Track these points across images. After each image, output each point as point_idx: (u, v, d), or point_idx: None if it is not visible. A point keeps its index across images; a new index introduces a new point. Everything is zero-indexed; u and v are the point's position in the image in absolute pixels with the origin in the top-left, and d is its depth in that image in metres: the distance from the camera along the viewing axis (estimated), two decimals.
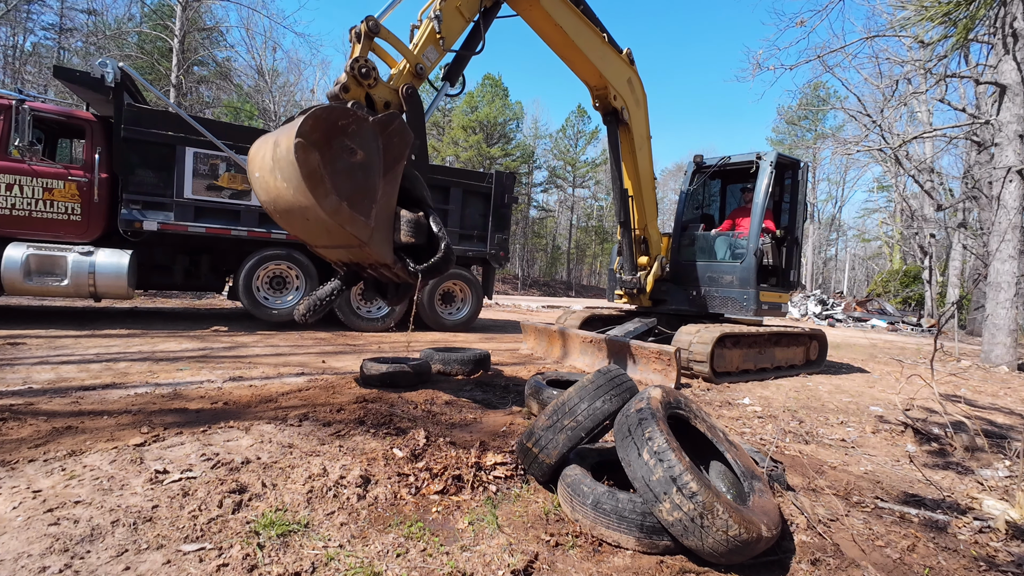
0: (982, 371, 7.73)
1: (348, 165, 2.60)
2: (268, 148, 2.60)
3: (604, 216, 46.45)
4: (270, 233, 6.90)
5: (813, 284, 40.65)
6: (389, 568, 1.62)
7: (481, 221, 8.40)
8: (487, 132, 35.61)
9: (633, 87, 5.48)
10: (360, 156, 2.64)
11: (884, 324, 18.65)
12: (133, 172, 6.21)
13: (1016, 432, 3.94)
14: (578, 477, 2.02)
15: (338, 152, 2.55)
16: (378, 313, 7.76)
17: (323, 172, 2.45)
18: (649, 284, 6.13)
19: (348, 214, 2.55)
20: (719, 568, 1.76)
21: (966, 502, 2.52)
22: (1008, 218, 8.28)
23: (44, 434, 2.58)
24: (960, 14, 3.27)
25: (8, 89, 6.64)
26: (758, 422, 3.85)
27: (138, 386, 3.66)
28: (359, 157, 2.64)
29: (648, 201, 5.98)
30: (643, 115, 5.68)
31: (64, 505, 1.85)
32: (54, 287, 5.89)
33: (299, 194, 2.44)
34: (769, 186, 5.84)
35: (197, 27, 21.92)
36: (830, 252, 50.53)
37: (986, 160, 13.19)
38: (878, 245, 41.90)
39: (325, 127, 2.49)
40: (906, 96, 14.61)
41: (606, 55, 5.09)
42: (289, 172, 2.42)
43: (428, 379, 4.32)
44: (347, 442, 2.69)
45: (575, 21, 4.72)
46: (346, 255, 3.06)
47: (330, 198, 2.47)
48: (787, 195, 6.45)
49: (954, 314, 15.52)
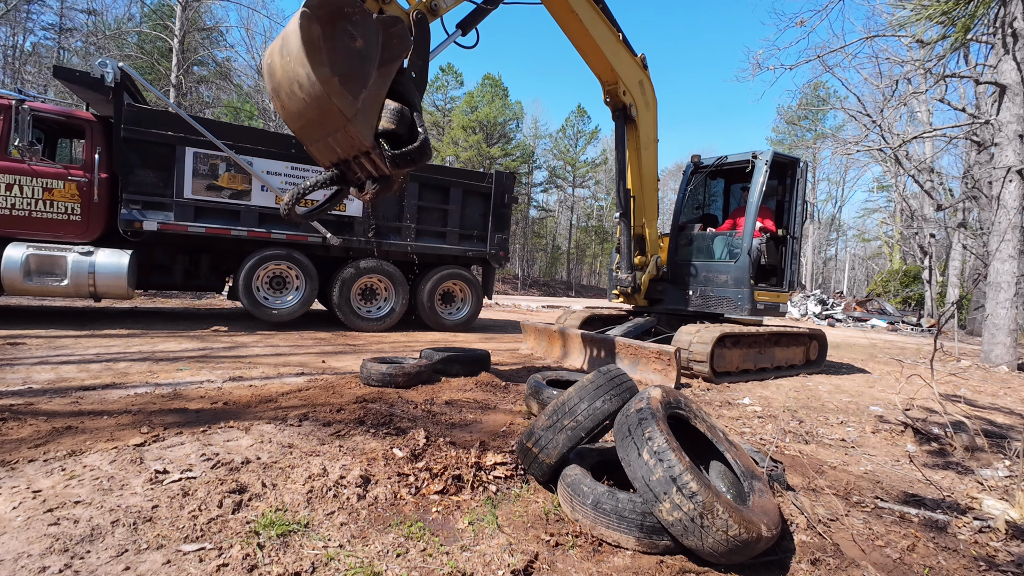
0: (982, 371, 7.74)
1: (346, 47, 2.78)
2: (281, 35, 2.83)
3: (604, 216, 46.45)
4: (270, 233, 6.90)
5: (813, 284, 40.65)
6: (389, 568, 1.62)
7: (481, 221, 8.40)
8: (487, 132, 35.62)
9: (644, 89, 5.67)
10: (359, 43, 2.83)
11: (884, 324, 18.65)
12: (133, 172, 6.20)
13: (1016, 432, 3.95)
14: (578, 477, 2.02)
15: (339, 32, 2.75)
16: (378, 313, 7.77)
17: (321, 44, 2.63)
18: (644, 283, 6.17)
19: (337, 87, 2.70)
20: (719, 568, 1.76)
21: (966, 502, 2.52)
22: (1008, 218, 8.29)
23: (44, 434, 2.58)
24: (959, 13, 3.27)
25: (8, 89, 6.64)
26: (758, 422, 3.85)
27: (138, 386, 3.66)
28: (358, 43, 2.83)
29: (649, 201, 6.04)
30: (652, 117, 5.84)
31: (64, 505, 1.85)
32: (54, 287, 5.89)
33: (296, 63, 2.60)
34: (763, 185, 5.85)
35: (197, 27, 21.93)
36: (830, 252, 50.55)
37: (986, 160, 13.19)
38: (878, 245, 41.92)
39: (331, 6, 2.69)
40: (906, 96, 14.60)
41: (619, 52, 5.31)
42: (292, 42, 2.59)
43: (428, 379, 4.32)
44: (347, 442, 2.69)
45: (591, 13, 4.98)
46: (334, 148, 3.16)
47: (323, 68, 2.61)
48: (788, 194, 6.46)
49: (954, 314, 15.52)
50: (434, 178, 8.00)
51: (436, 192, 8.03)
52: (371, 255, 7.58)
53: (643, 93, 5.66)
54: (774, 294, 6.10)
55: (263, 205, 6.85)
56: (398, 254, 7.84)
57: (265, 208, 6.86)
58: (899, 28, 10.55)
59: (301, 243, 7.12)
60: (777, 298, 6.14)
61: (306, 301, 7.24)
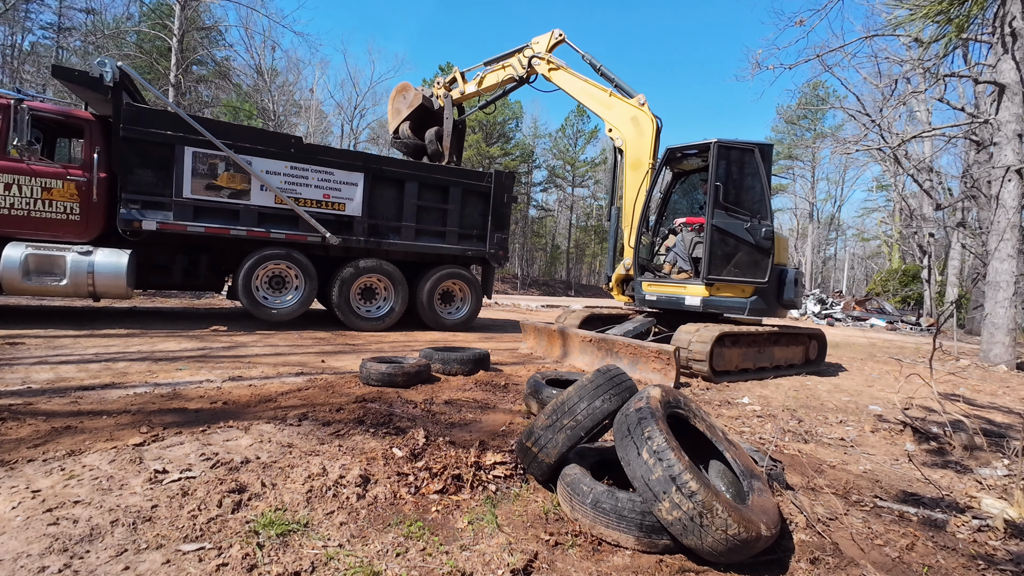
0: (981, 370, 7.74)
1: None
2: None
3: (603, 216, 46.44)
4: (269, 233, 6.89)
5: (812, 283, 40.67)
6: (388, 567, 1.62)
7: (480, 220, 8.39)
8: (486, 131, 35.59)
9: (637, 123, 6.81)
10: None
11: (883, 323, 18.67)
12: (132, 171, 6.19)
13: (1015, 431, 3.95)
14: (577, 476, 2.02)
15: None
16: (377, 312, 7.76)
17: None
18: (614, 280, 7.05)
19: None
20: (718, 567, 1.76)
21: (965, 501, 2.52)
22: (1007, 217, 8.29)
23: (43, 434, 2.58)
24: (954, 13, 3.27)
25: (6, 88, 6.63)
26: (757, 421, 3.85)
27: (137, 386, 3.66)
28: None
29: (629, 211, 6.82)
30: (645, 143, 6.74)
31: (63, 505, 1.85)
32: (53, 287, 5.88)
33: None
34: (653, 182, 6.61)
35: (196, 26, 21.89)
36: (829, 251, 50.58)
37: (985, 159, 13.21)
38: (877, 244, 41.97)
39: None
40: (905, 95, 14.60)
41: (608, 104, 7.06)
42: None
43: (427, 379, 4.32)
44: (346, 441, 2.69)
45: (580, 85, 7.39)
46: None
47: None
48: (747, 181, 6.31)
49: (953, 313, 15.54)
50: (433, 177, 7.99)
51: (435, 191, 8.02)
52: (370, 255, 7.58)
53: (635, 126, 6.81)
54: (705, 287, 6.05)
55: (262, 205, 6.84)
56: (397, 253, 7.84)
57: (264, 208, 6.85)
58: (897, 28, 10.56)
59: (300, 243, 7.12)
60: (683, 290, 6.19)
61: (305, 301, 7.23)
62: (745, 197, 5.97)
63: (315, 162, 7.14)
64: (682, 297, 6.09)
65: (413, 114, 8.80)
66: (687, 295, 6.05)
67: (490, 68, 8.57)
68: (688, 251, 6.42)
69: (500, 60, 8.38)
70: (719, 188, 5.76)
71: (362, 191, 7.41)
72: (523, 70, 8.01)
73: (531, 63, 7.87)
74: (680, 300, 6.10)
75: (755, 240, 5.88)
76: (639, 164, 6.73)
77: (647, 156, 6.67)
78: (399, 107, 9.04)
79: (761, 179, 5.93)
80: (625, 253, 6.93)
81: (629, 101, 6.86)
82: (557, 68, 7.64)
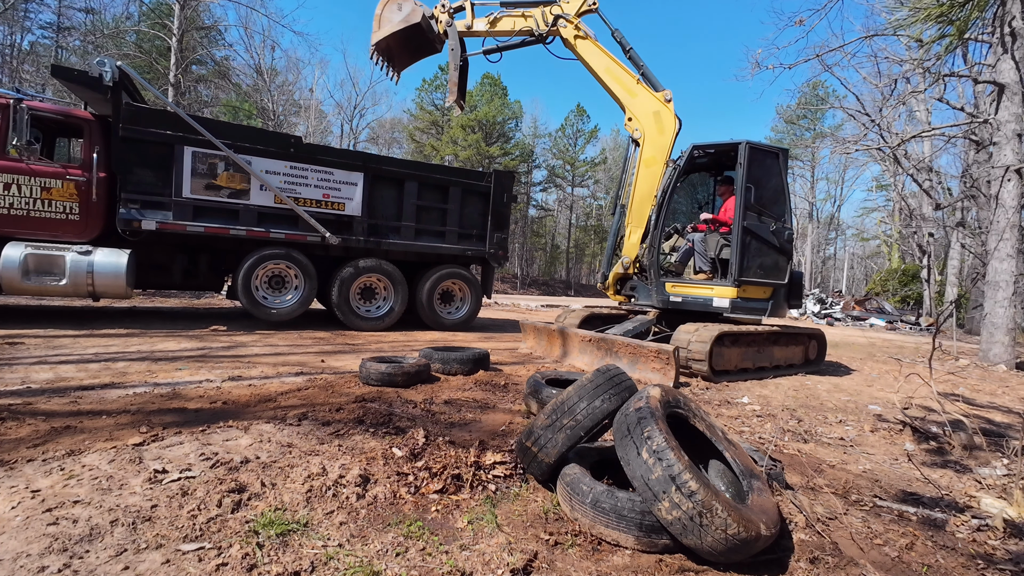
0: (980, 370, 7.75)
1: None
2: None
3: (603, 215, 46.47)
4: (269, 232, 6.89)
5: (812, 283, 40.69)
6: (388, 567, 1.62)
7: (480, 220, 8.39)
8: (486, 131, 35.59)
9: (660, 118, 6.46)
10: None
11: (883, 323, 18.68)
12: (131, 171, 6.19)
13: (1014, 431, 3.95)
14: (577, 476, 2.02)
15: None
16: (377, 312, 7.76)
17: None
18: (611, 278, 6.82)
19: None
20: (718, 567, 1.76)
21: (964, 500, 2.53)
22: (1006, 217, 8.30)
23: (43, 434, 2.58)
24: (955, 14, 3.27)
25: (6, 88, 6.62)
26: (757, 421, 3.85)
27: (137, 386, 3.65)
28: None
29: (637, 210, 6.56)
30: (664, 141, 6.46)
31: (63, 505, 1.85)
32: (52, 286, 5.88)
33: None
34: (675, 183, 6.27)
35: (195, 26, 21.88)
36: (829, 251, 50.60)
37: (984, 159, 13.21)
38: (877, 244, 41.98)
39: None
40: (905, 95, 14.61)
41: (634, 92, 6.56)
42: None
43: (427, 378, 4.32)
44: (346, 441, 2.69)
45: (606, 62, 6.66)
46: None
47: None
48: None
49: (952, 313, 15.55)
50: (433, 177, 7.99)
51: (435, 191, 8.02)
52: (370, 254, 7.58)
53: (657, 121, 6.45)
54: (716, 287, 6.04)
55: (262, 204, 6.83)
56: (397, 253, 7.84)
57: (264, 207, 6.85)
58: (897, 29, 10.56)
59: (300, 242, 7.11)
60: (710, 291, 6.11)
61: (305, 300, 7.23)
62: (769, 199, 6.02)
63: (315, 162, 7.14)
64: (710, 299, 6.02)
65: (403, 32, 7.37)
66: (715, 296, 5.97)
67: (507, 11, 7.31)
68: (714, 252, 6.27)
69: (521, 6, 7.23)
70: (750, 190, 5.75)
71: (362, 191, 7.41)
72: (545, 27, 6.96)
73: (556, 22, 6.90)
74: (708, 302, 6.02)
75: (779, 243, 5.99)
76: (653, 162, 6.48)
77: (663, 155, 6.46)
78: (391, 17, 7.46)
79: (784, 182, 6.07)
80: (624, 251, 6.75)
81: (655, 94, 6.47)
82: (584, 37, 6.79)
